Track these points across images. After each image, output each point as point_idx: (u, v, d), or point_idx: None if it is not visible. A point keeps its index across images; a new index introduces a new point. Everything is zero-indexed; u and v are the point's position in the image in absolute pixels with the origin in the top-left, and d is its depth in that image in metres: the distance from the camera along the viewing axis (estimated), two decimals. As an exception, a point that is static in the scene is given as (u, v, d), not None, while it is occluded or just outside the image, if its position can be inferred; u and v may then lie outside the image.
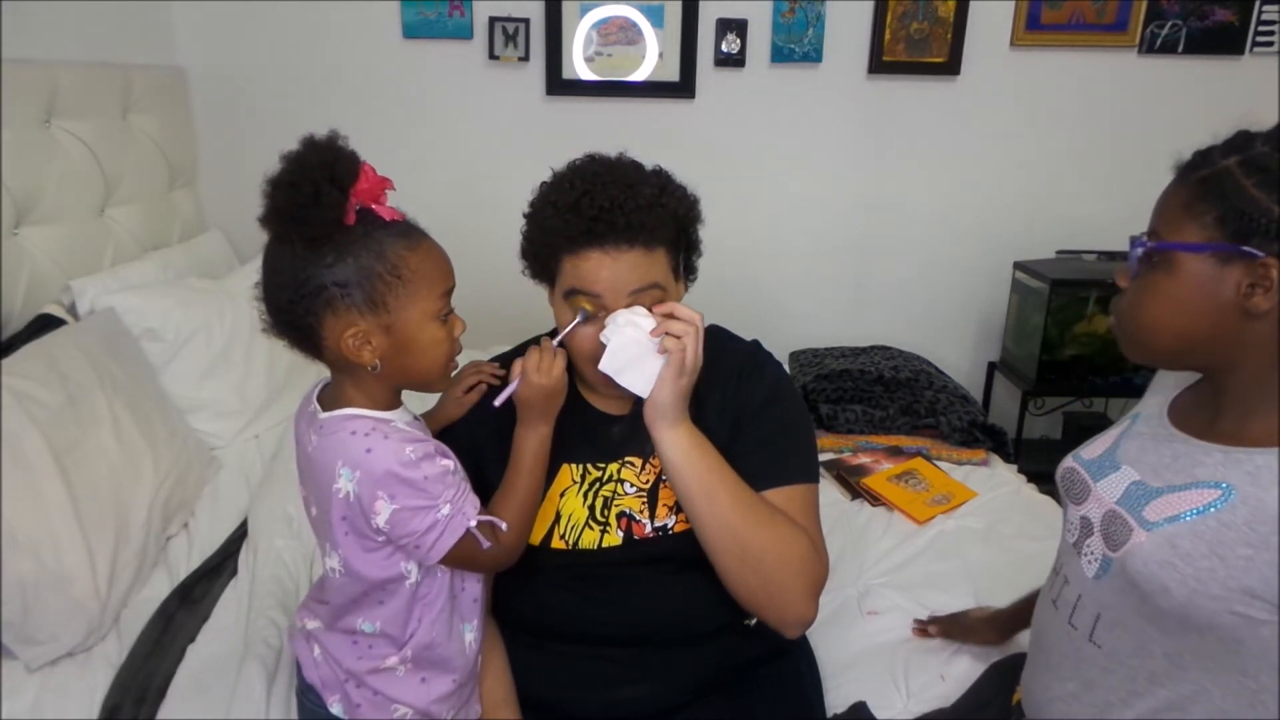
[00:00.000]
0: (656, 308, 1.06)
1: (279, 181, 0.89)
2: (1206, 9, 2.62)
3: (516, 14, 2.55)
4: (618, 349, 1.03)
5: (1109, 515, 0.93)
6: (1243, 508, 0.81)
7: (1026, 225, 2.81)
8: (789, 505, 1.12)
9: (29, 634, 1.29)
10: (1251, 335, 0.82)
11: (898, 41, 2.62)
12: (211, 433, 1.96)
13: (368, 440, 0.94)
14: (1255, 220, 0.79)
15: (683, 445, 1.06)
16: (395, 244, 0.93)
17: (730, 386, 1.18)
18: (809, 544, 1.11)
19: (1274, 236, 0.78)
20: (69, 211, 1.91)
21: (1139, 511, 0.89)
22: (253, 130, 2.58)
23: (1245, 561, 0.80)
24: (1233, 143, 0.84)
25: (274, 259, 0.94)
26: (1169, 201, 0.87)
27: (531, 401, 1.04)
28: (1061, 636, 0.99)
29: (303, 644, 1.10)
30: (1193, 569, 0.82)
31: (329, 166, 0.88)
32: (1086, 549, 0.96)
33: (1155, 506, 0.88)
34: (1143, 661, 0.90)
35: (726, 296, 2.29)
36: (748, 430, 1.15)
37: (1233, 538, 0.81)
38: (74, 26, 2.03)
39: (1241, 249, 0.79)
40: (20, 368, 1.46)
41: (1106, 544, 0.92)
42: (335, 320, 0.93)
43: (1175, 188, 0.87)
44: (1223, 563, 0.81)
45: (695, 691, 1.16)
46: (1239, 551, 0.80)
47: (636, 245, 1.03)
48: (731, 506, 1.07)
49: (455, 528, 0.96)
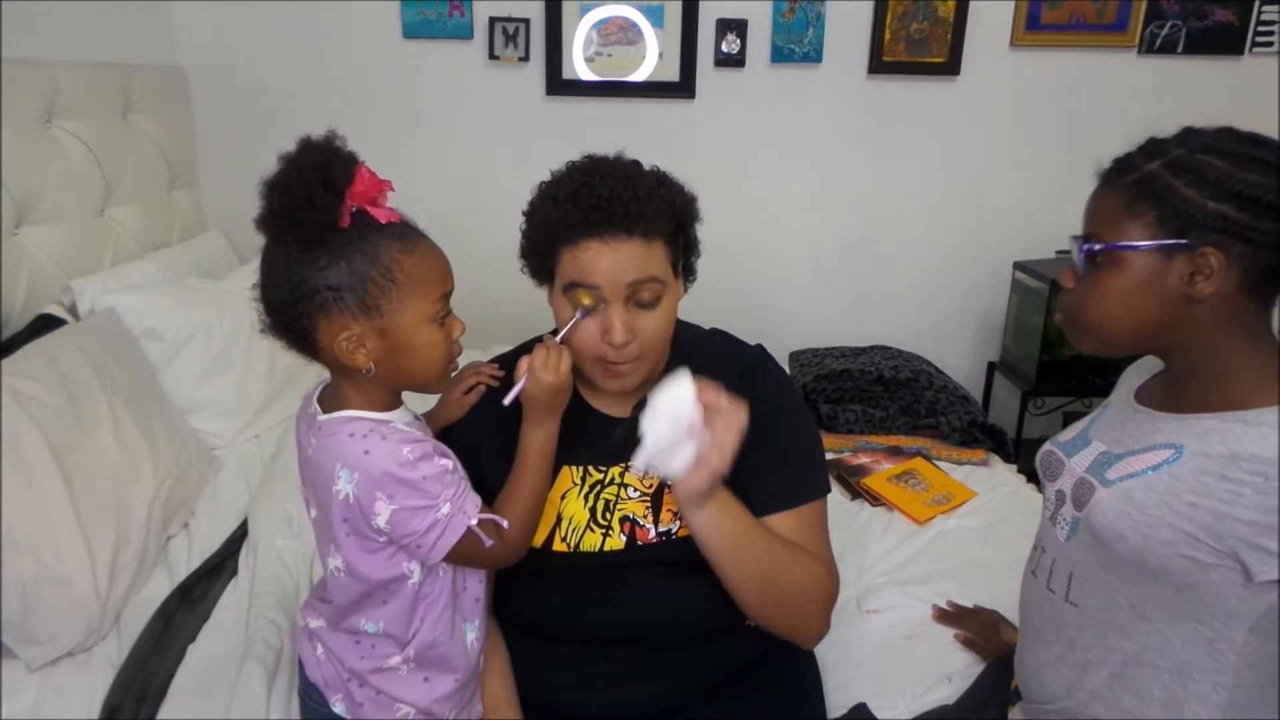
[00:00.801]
0: (702, 397, 0.98)
1: (274, 184, 0.89)
2: (1206, 9, 2.62)
3: (516, 14, 2.55)
4: (654, 441, 0.96)
5: (1079, 483, 1.00)
6: (1190, 462, 0.90)
7: (1026, 225, 2.81)
8: (802, 526, 1.14)
9: (29, 634, 1.29)
10: (1197, 317, 0.91)
11: (898, 41, 2.62)
12: (211, 433, 1.96)
13: (365, 442, 0.94)
14: (1191, 216, 0.88)
15: (712, 523, 1.06)
16: (390, 246, 0.93)
17: (738, 396, 1.16)
18: (825, 571, 1.14)
19: (1210, 228, 0.87)
20: (69, 211, 1.91)
21: (1102, 474, 0.98)
22: (253, 130, 2.58)
23: (1189, 508, 0.88)
24: (1149, 148, 0.93)
25: (270, 261, 0.94)
26: (1104, 205, 0.95)
27: (539, 399, 1.04)
28: (1042, 603, 1.07)
29: (305, 643, 1.10)
30: (1145, 516, 0.91)
31: (323, 169, 0.88)
32: (1060, 518, 1.04)
33: (1116, 468, 0.97)
34: (1111, 615, 0.97)
35: (726, 296, 2.30)
36: (757, 447, 1.14)
37: (1180, 487, 0.89)
38: (74, 26, 2.03)
39: (1183, 242, 0.88)
40: (20, 368, 1.46)
41: (1075, 507, 1.00)
42: (329, 323, 0.93)
43: (1107, 192, 0.95)
44: (1170, 510, 0.89)
45: (696, 692, 1.16)
46: (1185, 498, 0.88)
47: (635, 235, 1.03)
48: (758, 562, 1.09)
49: (456, 526, 0.96)
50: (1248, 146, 0.89)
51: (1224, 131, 0.91)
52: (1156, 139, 0.94)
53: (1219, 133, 0.91)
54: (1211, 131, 0.92)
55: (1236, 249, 0.87)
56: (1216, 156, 0.88)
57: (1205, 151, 0.89)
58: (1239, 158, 0.87)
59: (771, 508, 1.14)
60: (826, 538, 1.20)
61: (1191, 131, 0.93)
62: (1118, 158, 0.96)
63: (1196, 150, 0.89)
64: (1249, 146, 0.89)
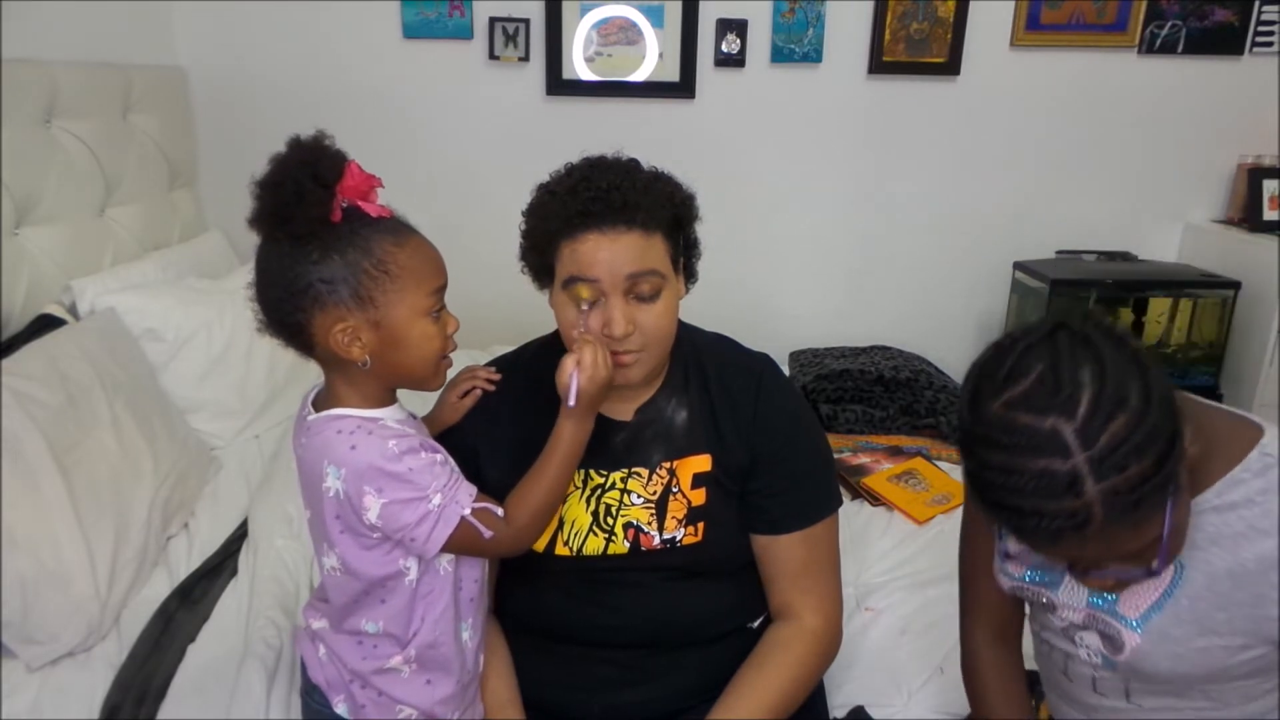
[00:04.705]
0: None
1: (264, 182, 0.90)
2: (1206, 9, 2.62)
3: (516, 14, 2.55)
4: None
5: (1091, 619, 0.94)
6: (1197, 575, 0.86)
7: (1026, 225, 2.82)
8: (814, 544, 1.17)
9: (29, 634, 1.29)
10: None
11: (898, 41, 2.62)
12: (211, 433, 1.96)
13: (352, 438, 0.94)
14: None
15: None
16: (383, 240, 0.93)
17: (746, 410, 1.16)
18: (816, 647, 1.17)
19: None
20: (69, 211, 1.91)
21: (1115, 608, 0.92)
22: (253, 130, 2.58)
23: (1227, 624, 0.85)
24: (1095, 468, 0.72)
25: (264, 259, 0.94)
26: (1120, 538, 0.76)
27: (591, 393, 1.02)
28: (1092, 701, 1.01)
29: (308, 644, 1.10)
30: (1192, 649, 0.87)
31: (312, 165, 0.89)
32: (1079, 640, 0.97)
33: (1128, 603, 0.91)
34: (1190, 701, 0.93)
35: (727, 296, 2.30)
36: (770, 468, 1.15)
37: (1205, 606, 0.85)
38: (74, 26, 2.03)
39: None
40: (20, 368, 1.46)
41: (1105, 645, 0.94)
42: (324, 316, 0.93)
43: (1082, 539, 0.75)
44: (1214, 634, 0.86)
45: (699, 694, 1.16)
46: (1218, 617, 0.85)
47: (634, 228, 1.02)
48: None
49: (449, 517, 0.96)
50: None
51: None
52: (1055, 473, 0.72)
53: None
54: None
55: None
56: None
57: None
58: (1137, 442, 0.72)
59: (784, 527, 1.15)
60: (836, 555, 1.21)
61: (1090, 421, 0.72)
62: (1053, 476, 0.72)
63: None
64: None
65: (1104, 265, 2.67)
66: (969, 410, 0.78)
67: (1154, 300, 2.58)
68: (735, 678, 1.14)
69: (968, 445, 0.78)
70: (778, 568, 1.17)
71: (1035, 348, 0.76)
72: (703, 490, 1.14)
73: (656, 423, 1.15)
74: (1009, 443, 0.73)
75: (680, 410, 1.16)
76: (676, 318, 1.11)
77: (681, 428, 1.15)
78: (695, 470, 1.14)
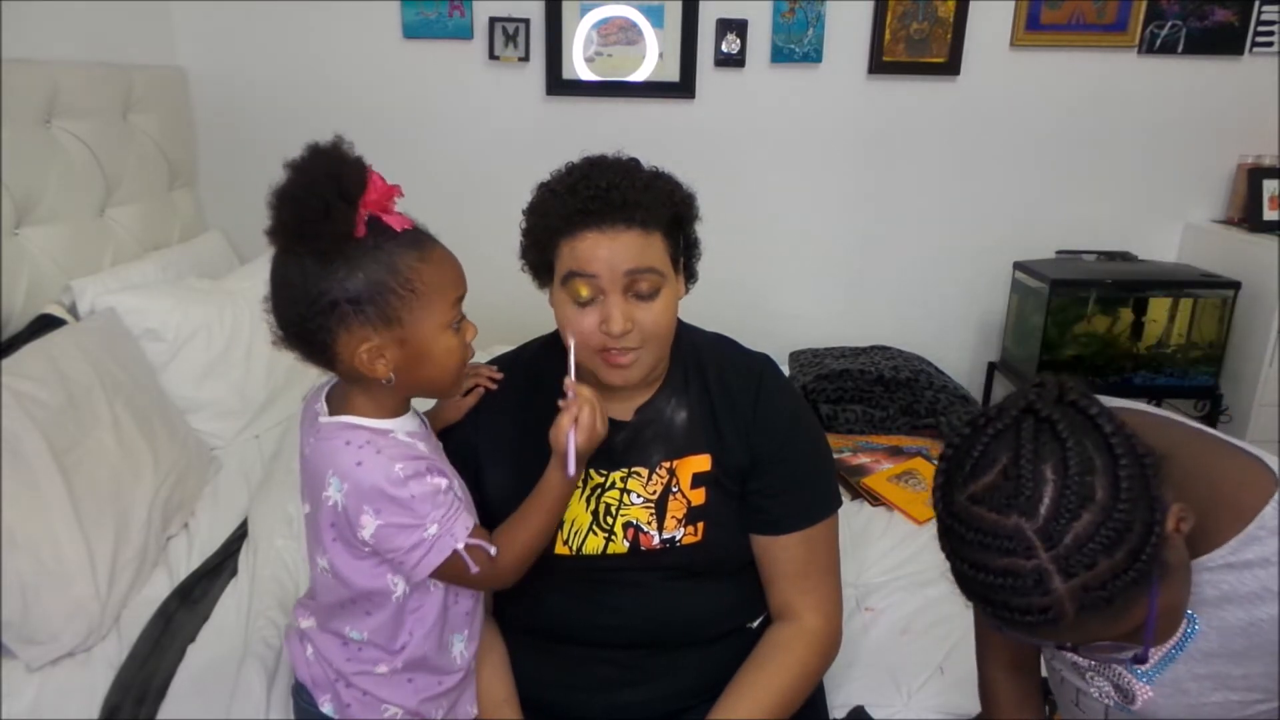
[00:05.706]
0: None
1: (285, 194, 0.86)
2: (1206, 9, 2.62)
3: (516, 14, 2.55)
4: None
5: (1101, 665, 0.93)
6: (1210, 631, 0.84)
7: (1026, 225, 2.81)
8: (813, 544, 1.17)
9: (29, 634, 1.29)
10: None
11: (898, 41, 2.62)
12: (211, 433, 1.96)
13: (360, 453, 0.93)
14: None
15: None
16: (407, 255, 0.91)
17: (746, 410, 1.16)
18: (816, 647, 1.17)
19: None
20: (69, 211, 1.91)
21: (1129, 663, 0.90)
22: (253, 130, 2.58)
23: (1243, 680, 0.83)
24: (1061, 566, 0.71)
25: (283, 273, 0.92)
26: (1097, 630, 0.75)
27: (587, 451, 1.02)
28: None
29: (296, 643, 1.10)
30: (1208, 702, 0.86)
31: (336, 179, 0.86)
32: (1091, 679, 0.96)
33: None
34: None
35: (727, 296, 2.30)
36: (770, 468, 1.15)
37: (1221, 665, 0.84)
38: (74, 26, 2.03)
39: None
40: (20, 368, 1.46)
41: (1117, 694, 0.93)
42: (349, 336, 0.91)
43: (1056, 631, 0.74)
44: (1228, 687, 0.84)
45: (699, 694, 1.16)
46: (1234, 674, 0.84)
47: (634, 226, 1.02)
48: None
49: (442, 548, 0.95)
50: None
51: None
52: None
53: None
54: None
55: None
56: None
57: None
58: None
59: (784, 527, 1.15)
60: (836, 555, 1.21)
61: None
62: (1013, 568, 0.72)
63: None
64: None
65: (1104, 265, 2.67)
66: (939, 498, 0.78)
67: (1154, 300, 2.58)
68: (735, 678, 1.14)
69: (941, 533, 0.79)
70: (778, 568, 1.17)
71: (1002, 436, 0.74)
72: (702, 490, 1.14)
73: (656, 422, 1.16)
74: (974, 539, 0.73)
75: (680, 410, 1.16)
76: (675, 317, 1.11)
77: (681, 428, 1.15)
78: (695, 470, 1.15)
